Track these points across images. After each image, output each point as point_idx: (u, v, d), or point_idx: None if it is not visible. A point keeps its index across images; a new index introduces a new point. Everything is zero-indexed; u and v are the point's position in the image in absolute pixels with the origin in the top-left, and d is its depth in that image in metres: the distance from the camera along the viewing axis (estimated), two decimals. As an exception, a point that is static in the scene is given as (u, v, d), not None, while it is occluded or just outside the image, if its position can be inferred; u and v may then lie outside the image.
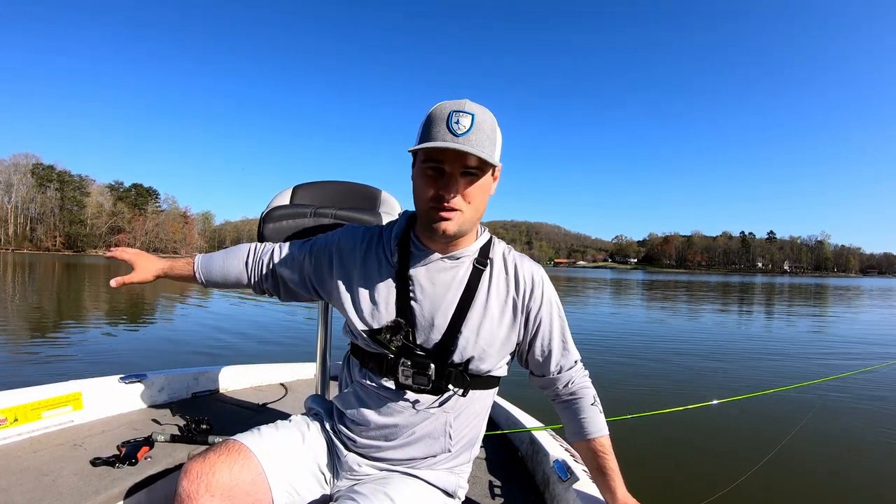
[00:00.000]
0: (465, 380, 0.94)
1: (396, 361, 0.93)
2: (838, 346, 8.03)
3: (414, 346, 0.93)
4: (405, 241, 0.98)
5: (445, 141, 0.83)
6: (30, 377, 4.28)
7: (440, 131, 0.84)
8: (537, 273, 1.02)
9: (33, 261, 40.57)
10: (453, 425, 0.97)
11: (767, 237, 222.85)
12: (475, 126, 0.84)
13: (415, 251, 0.97)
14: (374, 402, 0.96)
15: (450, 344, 0.93)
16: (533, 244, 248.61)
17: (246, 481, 0.84)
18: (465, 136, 0.83)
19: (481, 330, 0.94)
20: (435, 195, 0.87)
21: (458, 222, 0.89)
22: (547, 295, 1.01)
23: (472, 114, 0.85)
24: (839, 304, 19.12)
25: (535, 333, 1.01)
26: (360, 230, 1.05)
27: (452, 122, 0.84)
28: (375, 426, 0.96)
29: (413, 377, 0.92)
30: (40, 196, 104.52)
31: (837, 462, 3.15)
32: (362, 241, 1.02)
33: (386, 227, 1.04)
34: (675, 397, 4.50)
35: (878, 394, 4.77)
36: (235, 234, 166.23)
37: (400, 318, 0.93)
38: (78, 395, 1.57)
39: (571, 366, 1.03)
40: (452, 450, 0.98)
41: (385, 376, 0.95)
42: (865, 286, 48.79)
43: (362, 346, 0.98)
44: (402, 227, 1.00)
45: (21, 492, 1.12)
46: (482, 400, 1.01)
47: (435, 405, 0.95)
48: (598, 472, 1.01)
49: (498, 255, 1.01)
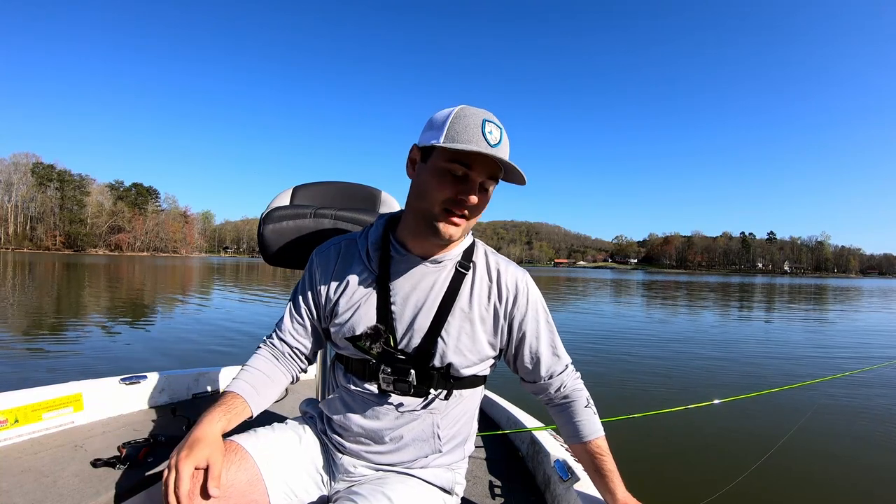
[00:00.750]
0: (447, 382, 0.94)
1: (378, 367, 0.93)
2: (838, 346, 8.02)
3: (395, 351, 0.93)
4: (385, 246, 0.97)
5: (481, 148, 0.80)
6: (30, 378, 4.28)
7: (475, 136, 0.81)
8: (521, 279, 1.00)
9: (33, 260, 40.58)
10: (441, 426, 0.96)
11: (767, 237, 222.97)
12: (503, 140, 0.84)
13: (395, 255, 0.96)
14: (359, 406, 0.96)
15: (430, 348, 0.92)
16: (533, 244, 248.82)
17: (242, 481, 0.84)
18: (498, 147, 0.83)
19: (461, 335, 0.93)
20: (452, 198, 0.85)
21: (463, 228, 0.89)
22: (532, 301, 1.00)
23: (501, 128, 0.85)
24: (839, 305, 19.12)
25: (522, 340, 0.99)
26: (329, 245, 1.03)
27: (486, 130, 0.82)
28: (362, 430, 0.95)
29: (394, 383, 0.92)
30: (40, 195, 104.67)
31: (837, 461, 3.15)
32: (336, 255, 1.00)
33: (360, 234, 1.02)
34: (675, 397, 4.49)
35: (878, 393, 4.78)
36: (235, 233, 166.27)
37: (380, 325, 0.93)
38: (78, 397, 1.57)
39: (562, 370, 1.03)
40: (443, 450, 0.98)
41: (368, 381, 0.94)
42: (865, 287, 48.78)
43: (345, 353, 0.98)
44: (380, 231, 0.99)
45: (22, 493, 1.12)
46: (469, 399, 1.01)
47: (419, 408, 0.95)
48: (596, 474, 1.01)
49: (481, 260, 1.00)
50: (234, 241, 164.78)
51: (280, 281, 21.47)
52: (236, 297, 13.62)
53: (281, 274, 26.35)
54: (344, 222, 1.41)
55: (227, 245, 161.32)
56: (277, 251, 1.43)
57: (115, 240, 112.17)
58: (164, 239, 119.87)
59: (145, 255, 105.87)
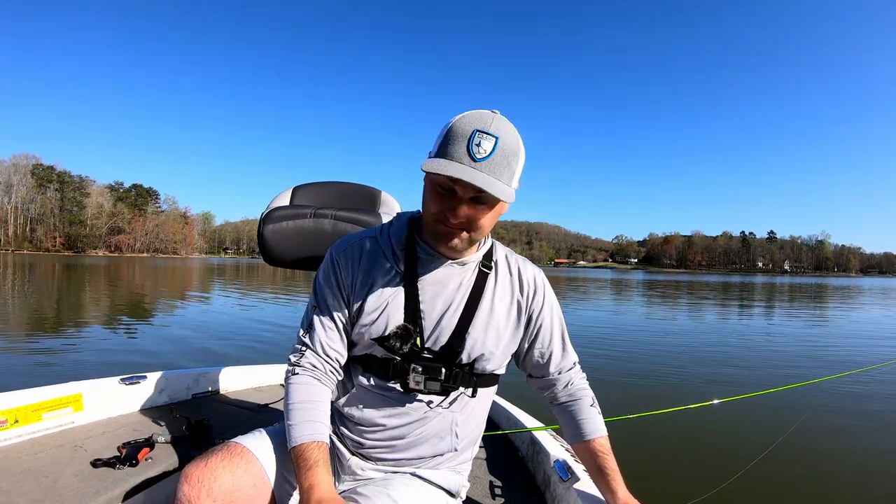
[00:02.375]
0: (471, 379, 0.96)
1: (405, 366, 0.92)
2: (838, 346, 8.02)
3: (421, 349, 0.93)
4: (411, 245, 0.96)
5: (462, 163, 0.79)
6: (30, 379, 4.28)
7: (457, 152, 0.79)
8: (539, 277, 1.04)
9: (33, 261, 40.60)
10: (459, 423, 0.98)
11: (768, 237, 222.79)
12: (496, 151, 0.79)
13: (422, 255, 0.96)
14: (379, 404, 0.96)
15: (458, 345, 0.94)
16: (533, 244, 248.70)
17: (248, 486, 0.83)
18: (485, 161, 0.79)
19: (488, 330, 0.96)
20: (441, 214, 0.86)
21: (464, 241, 0.89)
22: (548, 298, 1.04)
23: (497, 137, 0.80)
24: (839, 304, 19.12)
25: (536, 335, 1.03)
26: (350, 243, 0.99)
27: (473, 143, 0.79)
28: (382, 428, 0.96)
29: (425, 382, 0.92)
30: (40, 196, 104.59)
31: (834, 460, 3.16)
32: (360, 253, 0.97)
33: (381, 233, 1.00)
34: (675, 397, 4.49)
35: (878, 393, 4.78)
36: (235, 234, 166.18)
37: (408, 324, 0.92)
38: (78, 397, 1.57)
39: (570, 367, 1.06)
40: (458, 448, 1.00)
41: (392, 379, 0.94)
42: (866, 286, 48.80)
43: (368, 352, 0.97)
44: (404, 231, 0.98)
45: (21, 493, 1.12)
46: (485, 398, 1.03)
47: (444, 405, 0.96)
48: (598, 473, 1.01)
49: (502, 259, 1.03)
50: (234, 241, 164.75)
51: (280, 281, 21.48)
52: (236, 297, 13.62)
53: (281, 274, 26.36)
54: (344, 222, 1.41)
55: (227, 246, 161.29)
56: (277, 251, 1.43)
57: (114, 241, 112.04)
58: (163, 240, 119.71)
59: (145, 256, 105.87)
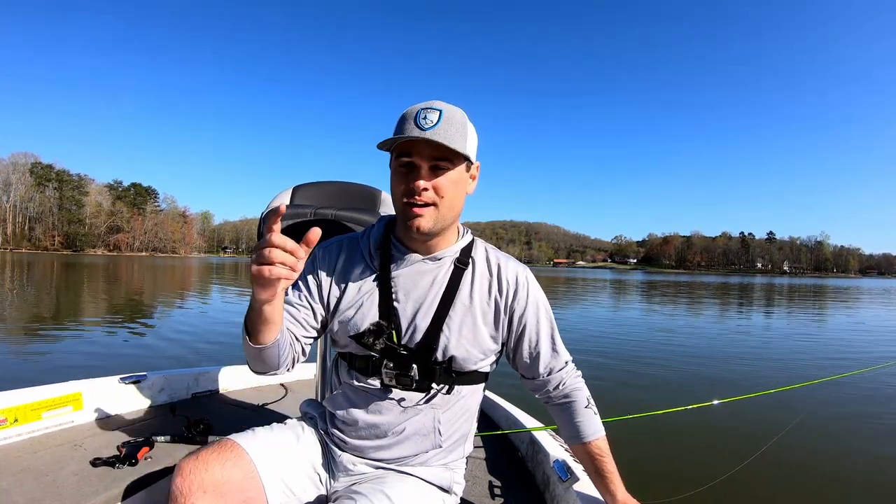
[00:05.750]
0: (449, 377, 0.95)
1: (381, 363, 0.94)
2: (838, 347, 8.03)
3: (397, 346, 0.94)
4: (385, 244, 0.99)
5: (412, 134, 0.84)
6: (30, 378, 4.27)
7: (407, 126, 0.86)
8: (521, 274, 1.01)
9: (32, 260, 40.53)
10: (442, 421, 0.97)
11: (767, 238, 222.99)
12: (443, 120, 0.86)
13: (395, 253, 0.98)
14: (362, 401, 0.97)
15: (432, 343, 0.94)
16: (532, 244, 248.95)
17: (237, 478, 0.84)
18: (433, 129, 0.84)
19: (463, 328, 0.95)
20: (406, 189, 0.88)
21: (432, 217, 0.89)
22: (532, 296, 1.01)
23: (441, 110, 0.86)
24: (838, 305, 19.14)
25: (521, 335, 1.00)
26: (332, 242, 1.04)
27: (420, 117, 0.85)
28: (364, 425, 0.97)
29: (396, 378, 0.93)
30: (39, 195, 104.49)
31: (831, 459, 3.18)
32: (338, 252, 1.02)
33: (362, 234, 1.04)
34: (674, 397, 4.50)
35: (877, 393, 4.79)
36: (234, 233, 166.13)
37: (382, 321, 0.94)
38: (78, 396, 1.57)
39: (562, 367, 1.03)
40: (443, 445, 0.99)
41: (371, 376, 0.96)
42: (865, 287, 48.83)
43: (348, 350, 0.99)
44: (381, 231, 1.01)
45: (21, 492, 1.12)
46: (470, 396, 1.02)
47: (422, 402, 0.96)
48: (596, 475, 1.01)
49: (480, 256, 1.01)
50: (233, 241, 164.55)
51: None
52: (236, 296, 13.61)
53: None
54: (344, 222, 1.41)
55: (226, 245, 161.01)
56: None
57: (113, 240, 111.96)
58: (162, 239, 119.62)
59: (144, 255, 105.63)
